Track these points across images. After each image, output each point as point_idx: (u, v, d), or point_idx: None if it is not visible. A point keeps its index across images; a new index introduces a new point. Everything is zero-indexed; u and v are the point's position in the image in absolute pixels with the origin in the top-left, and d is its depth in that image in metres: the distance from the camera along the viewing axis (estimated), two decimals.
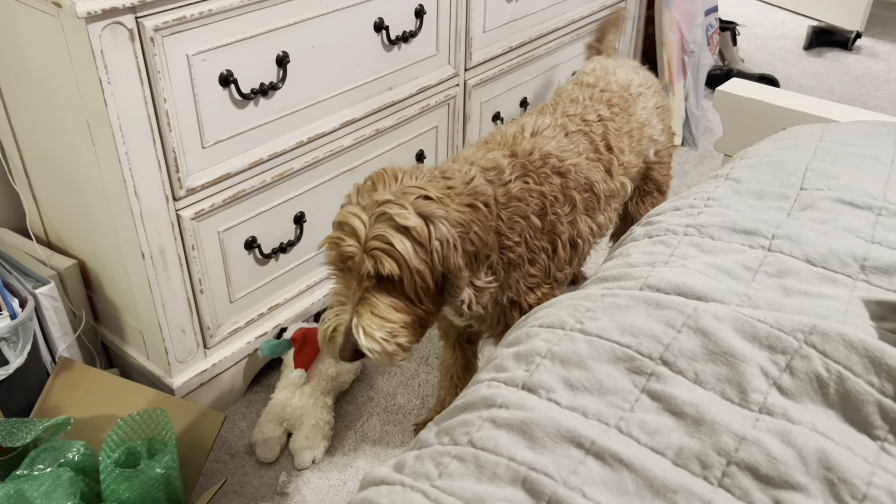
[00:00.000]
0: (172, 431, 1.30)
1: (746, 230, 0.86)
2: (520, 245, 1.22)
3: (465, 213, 1.10)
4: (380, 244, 1.04)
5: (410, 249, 1.04)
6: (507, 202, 1.20)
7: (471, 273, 1.11)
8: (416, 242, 1.05)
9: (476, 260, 1.11)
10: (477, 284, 1.11)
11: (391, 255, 1.04)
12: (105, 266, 1.51)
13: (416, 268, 1.05)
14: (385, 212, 1.05)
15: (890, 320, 0.74)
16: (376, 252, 1.04)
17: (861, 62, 3.25)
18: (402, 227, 1.04)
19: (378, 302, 1.05)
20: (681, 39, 2.44)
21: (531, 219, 1.22)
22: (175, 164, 1.33)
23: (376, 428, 1.60)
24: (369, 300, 1.05)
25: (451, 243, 1.06)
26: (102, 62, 1.18)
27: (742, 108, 1.61)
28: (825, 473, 0.58)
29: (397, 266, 1.04)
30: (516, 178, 1.23)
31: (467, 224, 1.09)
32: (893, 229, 0.86)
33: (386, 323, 1.05)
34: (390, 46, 1.62)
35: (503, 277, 1.23)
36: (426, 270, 1.06)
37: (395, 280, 1.06)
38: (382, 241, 1.04)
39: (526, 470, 0.59)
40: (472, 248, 1.09)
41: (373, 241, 1.04)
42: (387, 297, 1.06)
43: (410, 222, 1.04)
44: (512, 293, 1.26)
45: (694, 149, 2.60)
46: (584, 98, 1.45)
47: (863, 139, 1.06)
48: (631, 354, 0.68)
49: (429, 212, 1.05)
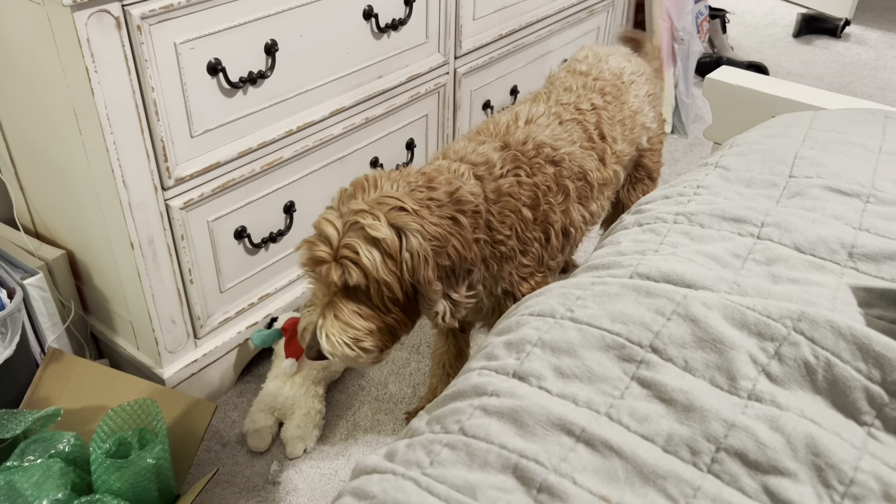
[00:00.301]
0: (163, 422, 1.29)
1: (736, 218, 0.86)
2: (511, 238, 1.22)
3: (444, 225, 1.09)
4: (349, 253, 1.06)
5: (378, 261, 1.05)
6: (498, 197, 1.20)
7: (446, 286, 1.11)
8: (385, 254, 1.06)
9: (453, 274, 1.12)
10: (453, 298, 1.12)
11: (358, 265, 1.06)
12: (94, 256, 1.50)
13: (384, 279, 1.06)
14: (358, 221, 1.07)
15: (877, 307, 0.74)
16: (345, 261, 1.06)
17: (850, 49, 3.26)
18: (372, 239, 1.06)
19: (344, 308, 1.08)
20: (670, 27, 2.43)
21: (522, 212, 1.23)
22: (163, 153, 1.32)
23: (368, 417, 1.60)
24: (336, 305, 1.08)
25: (423, 256, 1.06)
26: (89, 51, 1.16)
27: (731, 95, 1.62)
28: (813, 459, 0.59)
29: (363, 276, 1.06)
30: (507, 173, 1.22)
31: (444, 238, 1.09)
32: (881, 216, 0.86)
33: (348, 328, 1.08)
34: (379, 34, 1.61)
35: (496, 270, 1.23)
36: (394, 282, 1.07)
37: (363, 288, 1.08)
38: (351, 250, 1.06)
39: (517, 457, 0.59)
40: (447, 262, 1.10)
41: (343, 249, 1.06)
42: (353, 304, 1.09)
43: (381, 234, 1.05)
44: (506, 284, 1.26)
45: (684, 136, 2.60)
46: (578, 86, 1.45)
47: (851, 127, 1.06)
48: (621, 342, 0.69)
49: (402, 223, 1.06)
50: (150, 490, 1.24)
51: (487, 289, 1.26)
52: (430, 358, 1.74)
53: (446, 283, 1.11)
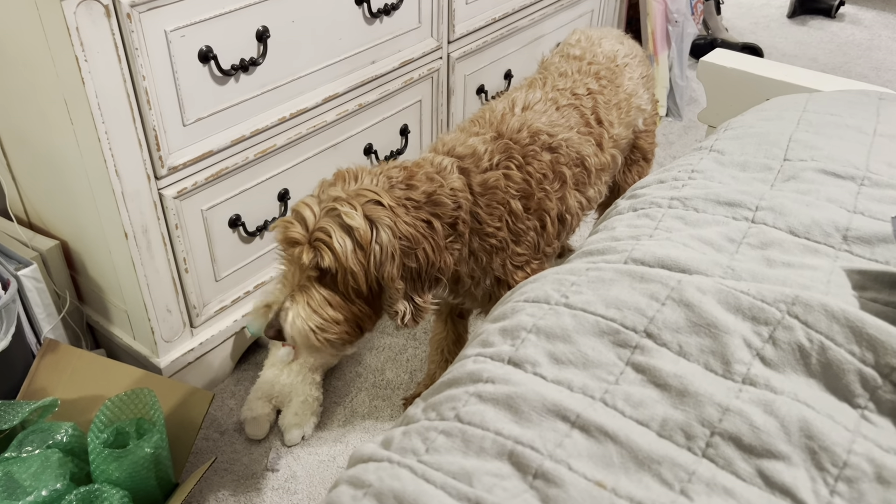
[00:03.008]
0: (161, 411, 1.30)
1: (730, 202, 0.86)
2: (501, 230, 1.22)
3: (418, 227, 1.10)
4: (322, 236, 1.07)
5: (349, 248, 1.06)
6: (485, 191, 1.20)
7: (410, 288, 1.12)
8: (356, 243, 1.07)
9: (419, 278, 1.12)
10: (416, 302, 1.13)
11: (330, 249, 1.06)
12: (88, 246, 1.49)
13: (351, 268, 1.07)
14: (335, 208, 1.08)
15: (871, 290, 0.75)
16: (318, 244, 1.07)
17: (844, 30, 3.25)
18: (346, 226, 1.07)
19: (315, 293, 1.08)
20: (665, 9, 2.42)
21: (511, 204, 1.22)
22: (156, 142, 1.31)
23: (365, 403, 1.61)
24: (308, 289, 1.08)
25: (390, 252, 1.07)
26: (78, 39, 1.16)
27: (726, 78, 1.61)
28: (807, 442, 0.59)
29: (334, 261, 1.06)
30: (496, 165, 1.22)
31: (415, 239, 1.09)
32: (875, 199, 0.86)
33: (315, 316, 1.08)
34: (372, 19, 1.60)
35: (486, 263, 1.24)
36: (360, 272, 1.07)
37: (332, 275, 1.08)
38: (325, 234, 1.06)
39: (512, 444, 0.59)
40: (415, 264, 1.10)
41: (317, 232, 1.07)
42: (325, 290, 1.09)
43: (355, 223, 1.06)
44: (499, 274, 1.26)
45: (678, 119, 2.60)
46: (573, 71, 1.44)
47: (846, 109, 1.06)
48: (615, 327, 0.69)
49: (376, 217, 1.07)
50: (149, 479, 1.25)
51: (476, 280, 1.26)
52: (427, 344, 1.74)
53: (411, 286, 1.11)
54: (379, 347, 1.74)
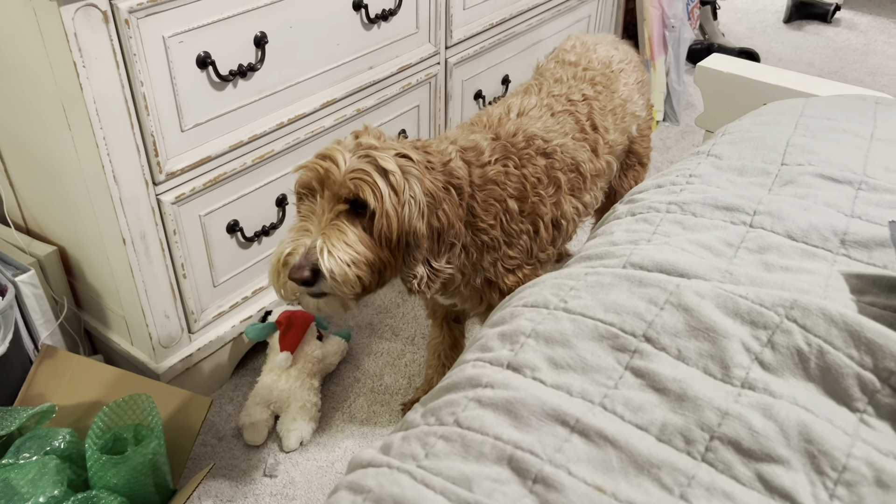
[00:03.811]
0: (159, 417, 1.29)
1: (728, 206, 0.86)
2: (494, 228, 1.22)
3: (439, 187, 1.11)
4: (361, 175, 1.05)
5: (388, 190, 1.05)
6: (483, 184, 1.20)
7: (429, 252, 1.11)
8: (392, 189, 1.06)
9: (439, 240, 1.12)
10: (433, 265, 1.12)
11: (370, 186, 1.05)
12: (86, 252, 1.49)
13: (388, 210, 1.05)
14: (369, 154, 1.07)
15: (869, 293, 0.75)
16: (357, 180, 1.05)
17: (840, 35, 3.26)
18: (382, 169, 1.06)
19: (347, 229, 1.04)
20: (661, 14, 2.43)
21: (508, 202, 1.22)
22: (154, 148, 1.31)
23: (363, 408, 1.61)
24: (339, 225, 1.04)
25: (420, 207, 1.07)
26: (76, 45, 1.16)
27: (723, 83, 1.62)
28: (806, 446, 0.59)
29: (373, 199, 1.04)
30: (495, 161, 1.23)
31: (438, 198, 1.10)
32: (873, 203, 0.87)
33: (350, 250, 1.03)
34: (370, 25, 1.61)
35: (476, 258, 1.23)
36: (395, 218, 1.06)
37: (366, 216, 1.06)
38: (363, 173, 1.05)
39: (512, 448, 0.59)
40: (437, 223, 1.10)
41: (353, 172, 1.05)
42: (357, 228, 1.05)
43: (390, 166, 1.06)
44: (489, 274, 1.26)
45: (676, 124, 2.60)
46: (568, 77, 1.45)
47: (842, 113, 1.07)
48: (614, 332, 0.69)
49: (406, 168, 1.07)
50: (147, 485, 1.24)
51: (466, 277, 1.25)
52: (425, 349, 1.74)
53: (429, 248, 1.10)
54: (377, 352, 1.74)
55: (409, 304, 1.86)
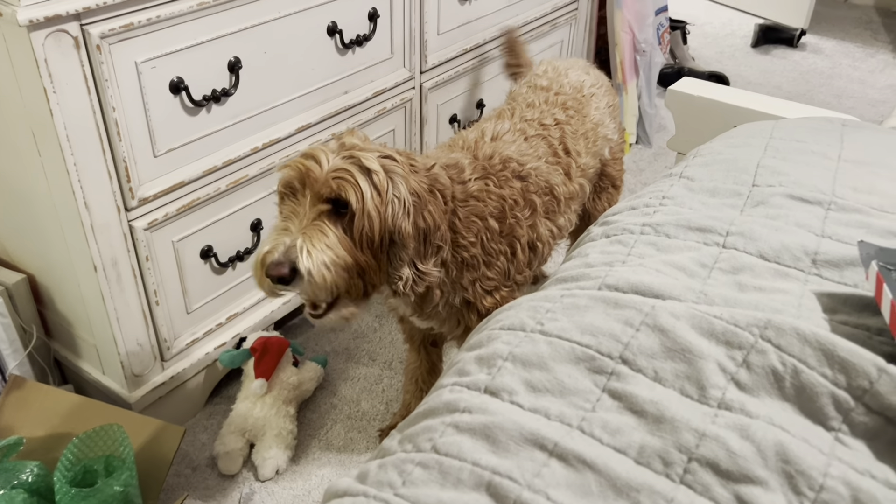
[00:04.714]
0: (130, 447, 1.27)
1: (701, 228, 0.87)
2: (475, 246, 1.22)
3: (425, 189, 1.11)
4: (343, 174, 1.05)
5: (370, 191, 1.05)
6: (465, 200, 1.20)
7: (415, 254, 1.11)
8: (374, 188, 1.06)
9: (425, 242, 1.12)
10: (419, 268, 1.12)
11: (351, 186, 1.04)
12: (56, 280, 1.47)
13: (369, 210, 1.04)
14: (352, 154, 1.07)
15: (841, 312, 0.76)
16: (339, 180, 1.04)
17: (806, 59, 3.33)
18: (365, 168, 1.06)
19: (328, 229, 1.03)
20: (632, 39, 2.47)
21: (489, 220, 1.23)
22: (126, 173, 1.30)
23: (340, 435, 1.59)
24: (320, 226, 1.03)
25: (405, 207, 1.07)
26: (47, 71, 1.15)
27: (693, 106, 1.64)
28: (783, 466, 0.59)
29: (355, 198, 1.04)
30: (476, 179, 1.23)
31: (424, 199, 1.10)
32: (842, 223, 0.88)
33: (329, 252, 1.02)
34: (344, 50, 1.61)
35: (455, 275, 1.23)
36: (377, 219, 1.05)
37: (347, 217, 1.05)
38: (345, 173, 1.05)
39: (490, 474, 0.59)
40: (423, 224, 1.10)
41: (337, 171, 1.05)
42: (338, 229, 1.04)
43: (373, 166, 1.06)
44: (468, 295, 1.26)
45: (648, 146, 2.63)
46: (540, 102, 1.46)
47: (810, 135, 1.08)
48: (591, 354, 0.69)
49: (390, 168, 1.07)
50: None
51: (445, 296, 1.24)
52: (402, 374, 1.73)
53: (415, 250, 1.10)
54: (354, 378, 1.72)
55: (385, 329, 1.85)
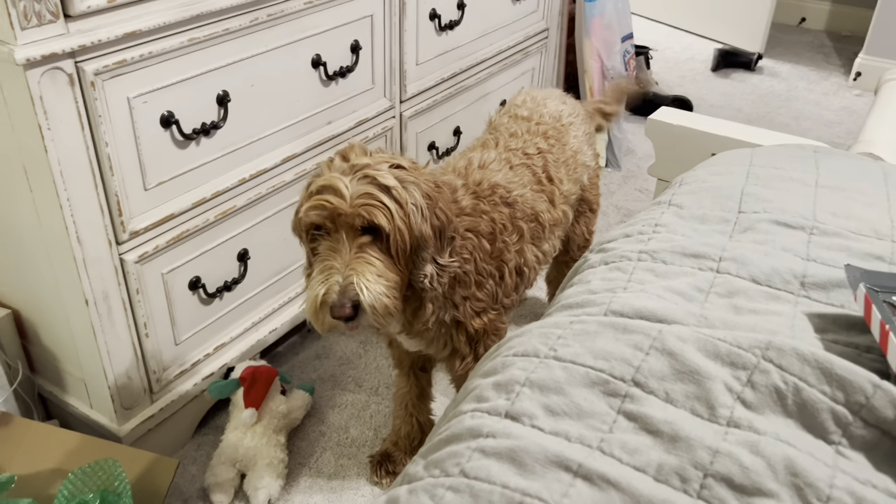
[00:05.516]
0: (127, 481, 1.26)
1: (695, 254, 0.92)
2: (469, 262, 1.25)
3: (432, 187, 1.15)
4: (368, 200, 1.07)
5: (395, 208, 1.09)
6: (459, 215, 1.24)
7: (434, 249, 1.15)
8: (398, 204, 1.09)
9: (441, 237, 1.15)
10: (439, 262, 1.16)
11: (380, 210, 1.07)
12: (43, 315, 1.46)
13: (399, 226, 1.09)
14: (367, 174, 1.09)
15: (831, 332, 0.80)
16: (367, 207, 1.07)
17: (764, 81, 3.45)
18: (384, 186, 1.09)
19: (374, 259, 1.08)
20: (601, 66, 2.54)
21: (482, 240, 1.26)
22: (118, 207, 1.31)
23: (331, 462, 1.60)
24: (365, 257, 1.07)
25: (421, 210, 1.11)
26: (42, 108, 1.15)
27: (672, 134, 1.71)
28: (792, 479, 0.63)
29: (387, 221, 1.08)
30: (469, 199, 1.27)
31: (434, 198, 1.14)
32: (825, 247, 0.93)
33: (382, 280, 1.08)
34: (328, 82, 1.64)
35: (448, 292, 1.25)
36: (406, 231, 1.10)
37: (383, 238, 1.09)
38: (370, 197, 1.07)
39: (520, 496, 0.61)
40: (437, 221, 1.14)
41: (360, 198, 1.07)
42: (381, 254, 1.09)
43: (390, 182, 1.09)
44: (458, 313, 1.28)
45: (618, 170, 2.70)
46: (522, 132, 1.50)
47: (787, 162, 1.14)
48: (605, 378, 0.72)
49: (402, 178, 1.10)
50: None
51: (436, 312, 1.26)
52: (390, 399, 1.75)
53: (435, 247, 1.14)
54: (342, 405, 1.74)
55: (370, 355, 1.87)
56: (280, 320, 1.74)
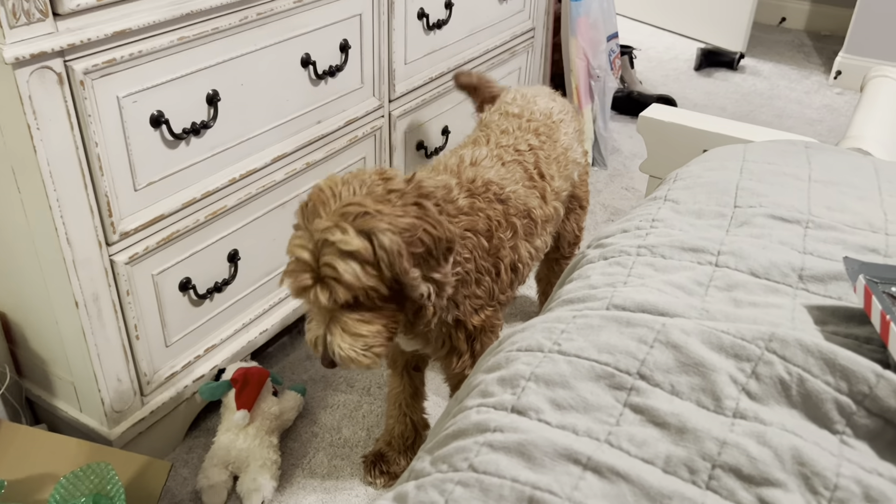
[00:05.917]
0: (120, 485, 1.25)
1: (694, 248, 0.92)
2: (469, 262, 1.25)
3: (410, 213, 1.11)
4: (329, 272, 1.08)
5: (359, 271, 1.07)
6: (457, 216, 1.24)
7: (426, 270, 1.14)
8: (362, 263, 1.08)
9: (431, 256, 1.14)
10: (436, 278, 1.14)
11: (341, 283, 1.07)
12: (30, 317, 1.44)
13: (367, 285, 1.09)
14: (328, 239, 1.08)
15: (831, 323, 0.81)
16: (328, 281, 1.08)
17: (746, 80, 3.48)
18: (347, 253, 1.07)
19: (347, 320, 1.12)
20: (587, 66, 2.55)
21: (480, 238, 1.26)
22: (108, 208, 1.29)
23: (324, 463, 1.59)
24: (338, 319, 1.12)
25: (396, 251, 1.08)
26: (31, 108, 1.14)
27: (664, 131, 1.72)
28: (799, 469, 0.64)
29: (349, 291, 1.08)
30: (465, 197, 1.27)
31: (413, 227, 1.10)
32: (821, 240, 0.94)
33: (358, 338, 1.12)
34: (317, 81, 1.63)
35: (451, 292, 1.25)
36: (377, 282, 1.09)
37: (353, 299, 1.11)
38: (331, 268, 1.07)
39: (531, 490, 0.61)
40: (421, 248, 1.11)
41: (323, 268, 1.08)
42: (353, 314, 1.12)
43: (352, 246, 1.06)
44: (459, 312, 1.28)
45: (604, 168, 2.71)
46: (514, 128, 1.50)
47: (780, 158, 1.15)
48: (610, 371, 0.72)
49: (369, 228, 1.07)
50: None
51: (437, 314, 1.26)
52: (382, 399, 1.74)
53: (426, 268, 1.13)
54: (333, 405, 1.73)
55: None
56: (271, 321, 1.73)
